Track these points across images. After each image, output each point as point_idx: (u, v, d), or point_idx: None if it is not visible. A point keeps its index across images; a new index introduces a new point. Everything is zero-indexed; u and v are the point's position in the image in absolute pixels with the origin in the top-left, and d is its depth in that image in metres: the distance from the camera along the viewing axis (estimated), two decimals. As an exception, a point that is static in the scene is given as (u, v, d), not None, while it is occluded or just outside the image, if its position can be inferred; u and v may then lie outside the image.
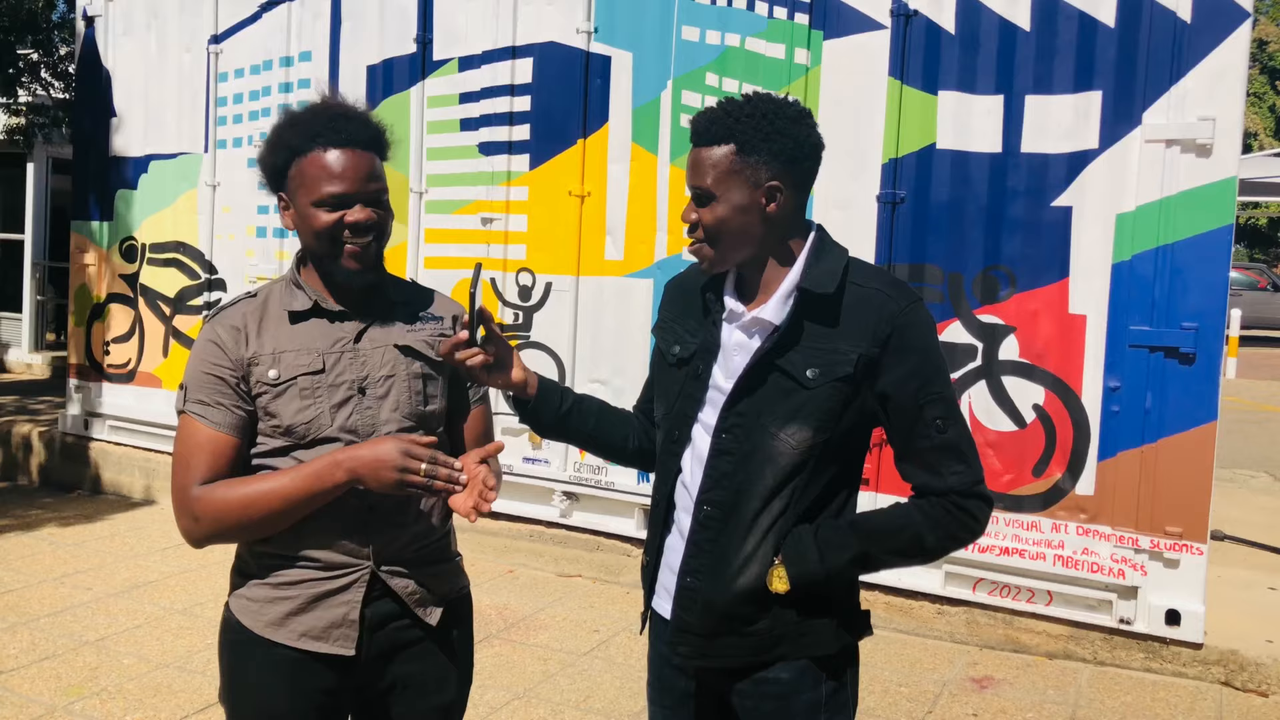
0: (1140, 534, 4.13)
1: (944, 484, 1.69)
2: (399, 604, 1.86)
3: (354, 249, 1.79)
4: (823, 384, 1.68)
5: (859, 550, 1.71)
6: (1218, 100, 3.94)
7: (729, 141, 1.67)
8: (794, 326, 1.70)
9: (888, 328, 1.67)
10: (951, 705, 3.89)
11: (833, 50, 4.59)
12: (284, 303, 1.87)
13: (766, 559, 1.71)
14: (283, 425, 1.80)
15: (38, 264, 11.25)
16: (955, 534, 1.71)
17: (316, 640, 1.82)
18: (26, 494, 6.96)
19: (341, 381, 1.82)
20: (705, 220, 1.70)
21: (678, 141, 4.97)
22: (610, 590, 5.07)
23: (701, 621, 1.75)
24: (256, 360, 1.81)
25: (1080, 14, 4.14)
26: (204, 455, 1.78)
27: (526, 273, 5.38)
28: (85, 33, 6.97)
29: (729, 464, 1.73)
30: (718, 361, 1.78)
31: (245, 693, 1.86)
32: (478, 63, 5.46)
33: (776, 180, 1.68)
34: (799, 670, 1.74)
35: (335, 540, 1.81)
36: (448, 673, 1.94)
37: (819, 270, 1.71)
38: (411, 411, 1.86)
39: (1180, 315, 4.03)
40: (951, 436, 1.69)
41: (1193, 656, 4.13)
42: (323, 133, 1.80)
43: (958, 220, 4.40)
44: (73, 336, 7.19)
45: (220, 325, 1.84)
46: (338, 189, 1.78)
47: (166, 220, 6.66)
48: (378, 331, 1.87)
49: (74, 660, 4.06)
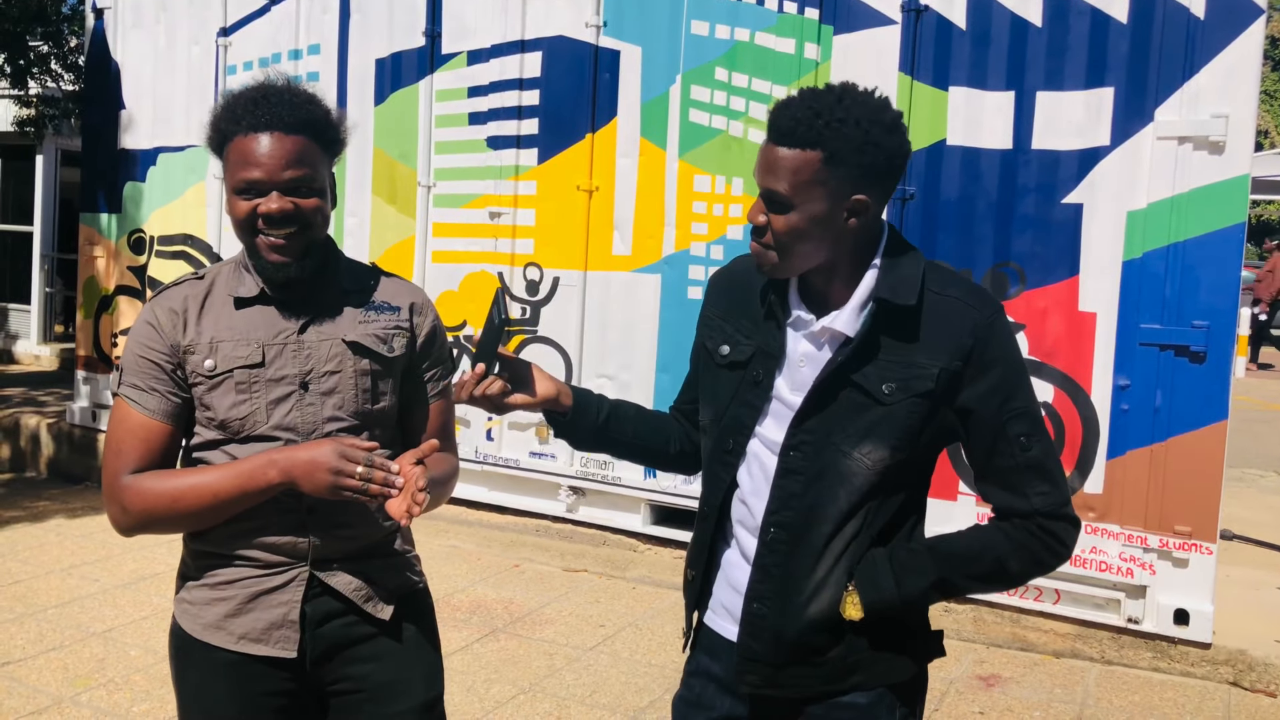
0: (1149, 533, 4.12)
1: (1029, 505, 1.58)
2: (343, 601, 1.78)
3: (271, 241, 1.68)
4: (900, 400, 1.56)
5: (937, 576, 1.61)
6: (1230, 97, 3.92)
7: (816, 147, 1.49)
8: (870, 338, 1.57)
9: (970, 340, 1.55)
10: (958, 703, 3.88)
11: (843, 45, 4.57)
12: (230, 286, 1.76)
13: (840, 585, 1.61)
14: (217, 419, 1.72)
15: (46, 256, 11.27)
16: (1041, 559, 1.60)
17: (255, 642, 1.74)
18: (34, 485, 6.98)
19: (282, 376, 1.73)
20: (776, 227, 1.54)
21: (686, 136, 4.95)
22: (616, 585, 5.06)
23: (771, 652, 1.65)
24: (193, 349, 1.72)
25: (1092, 10, 4.12)
26: (135, 442, 1.71)
27: (534, 267, 5.38)
28: (95, 25, 6.98)
29: (798, 484, 1.62)
30: (781, 371, 1.65)
31: (191, 699, 1.79)
32: (486, 56, 5.45)
33: (864, 195, 1.52)
34: (875, 697, 1.65)
35: (272, 537, 1.73)
36: (410, 673, 1.84)
37: (896, 278, 1.58)
38: (358, 410, 1.76)
39: (1191, 313, 4.01)
40: (1037, 454, 1.58)
41: (1201, 656, 4.12)
42: (244, 115, 1.68)
43: (967, 217, 4.38)
44: (81, 329, 7.21)
45: (159, 307, 1.75)
46: (251, 175, 1.66)
47: (175, 213, 6.67)
48: (326, 323, 1.76)
49: (81, 651, 4.07)
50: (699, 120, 4.93)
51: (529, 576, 5.15)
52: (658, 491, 5.09)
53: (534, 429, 5.40)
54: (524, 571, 5.22)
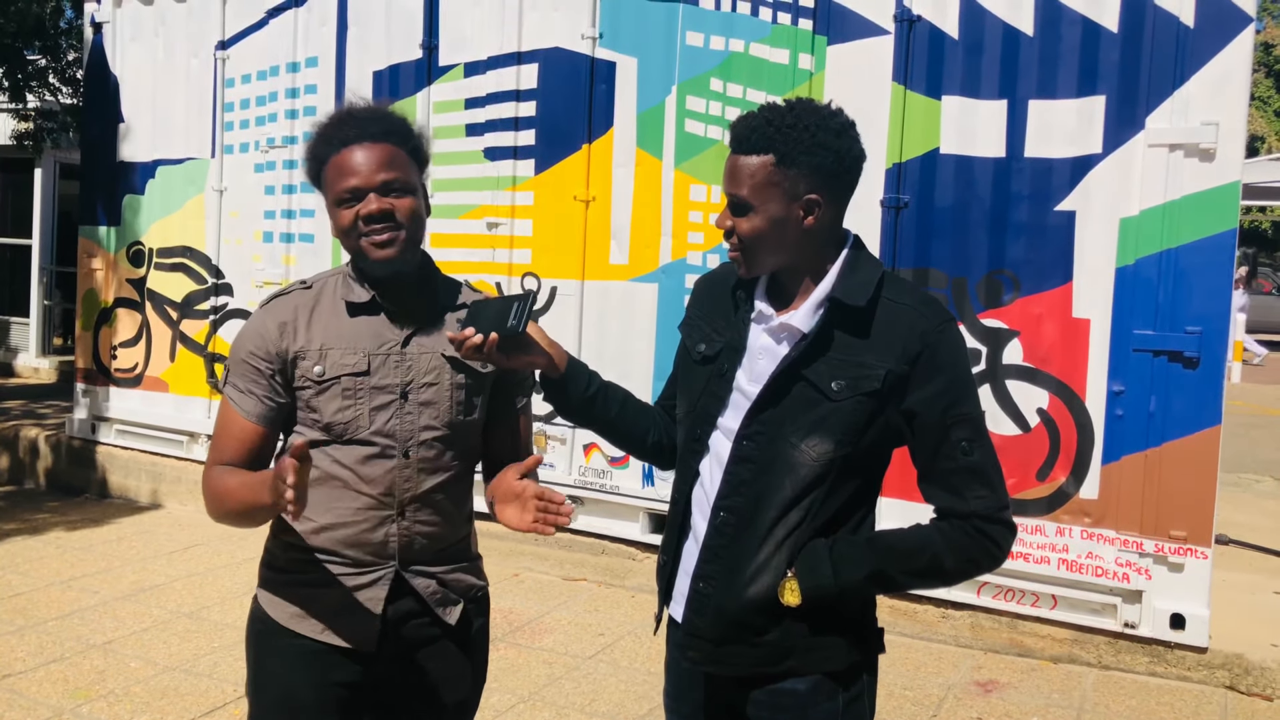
0: (1145, 538, 4.13)
1: (967, 507, 1.66)
2: (420, 603, 1.89)
3: (374, 239, 1.79)
4: (848, 398, 1.65)
5: (875, 568, 1.68)
6: (1221, 105, 3.95)
7: (768, 151, 1.63)
8: (822, 336, 1.67)
9: (919, 345, 1.64)
10: (956, 709, 3.89)
11: (836, 55, 4.60)
12: (341, 293, 1.88)
13: (780, 570, 1.69)
14: (322, 421, 1.84)
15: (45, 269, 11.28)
16: (975, 559, 1.68)
17: (339, 634, 1.85)
18: (34, 498, 6.99)
19: (385, 385, 1.84)
20: (740, 230, 1.67)
21: (682, 146, 4.98)
22: (615, 594, 5.07)
23: (712, 627, 1.74)
24: (303, 354, 1.84)
25: (1083, 19, 4.15)
26: (230, 440, 1.85)
27: (532, 277, 5.40)
28: (93, 39, 7.01)
29: (748, 471, 1.71)
30: (742, 363, 1.75)
31: (268, 682, 1.90)
32: (483, 68, 5.48)
33: (816, 194, 1.64)
34: (814, 684, 1.72)
35: (362, 538, 1.85)
36: (463, 670, 1.96)
37: (852, 282, 1.68)
38: (451, 420, 1.88)
39: (1184, 319, 4.03)
40: (977, 459, 1.66)
41: (1197, 661, 4.13)
42: (334, 136, 1.83)
43: (961, 225, 4.40)
44: (80, 341, 7.22)
45: (270, 315, 1.87)
46: (349, 184, 1.79)
47: (174, 225, 6.69)
48: (426, 337, 1.88)
49: (81, 663, 4.08)
50: (695, 130, 4.97)
51: (528, 585, 5.16)
52: (657, 500, 5.10)
53: (533, 438, 5.41)
54: (523, 580, 5.23)
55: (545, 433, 5.36)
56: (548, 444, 5.36)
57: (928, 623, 4.55)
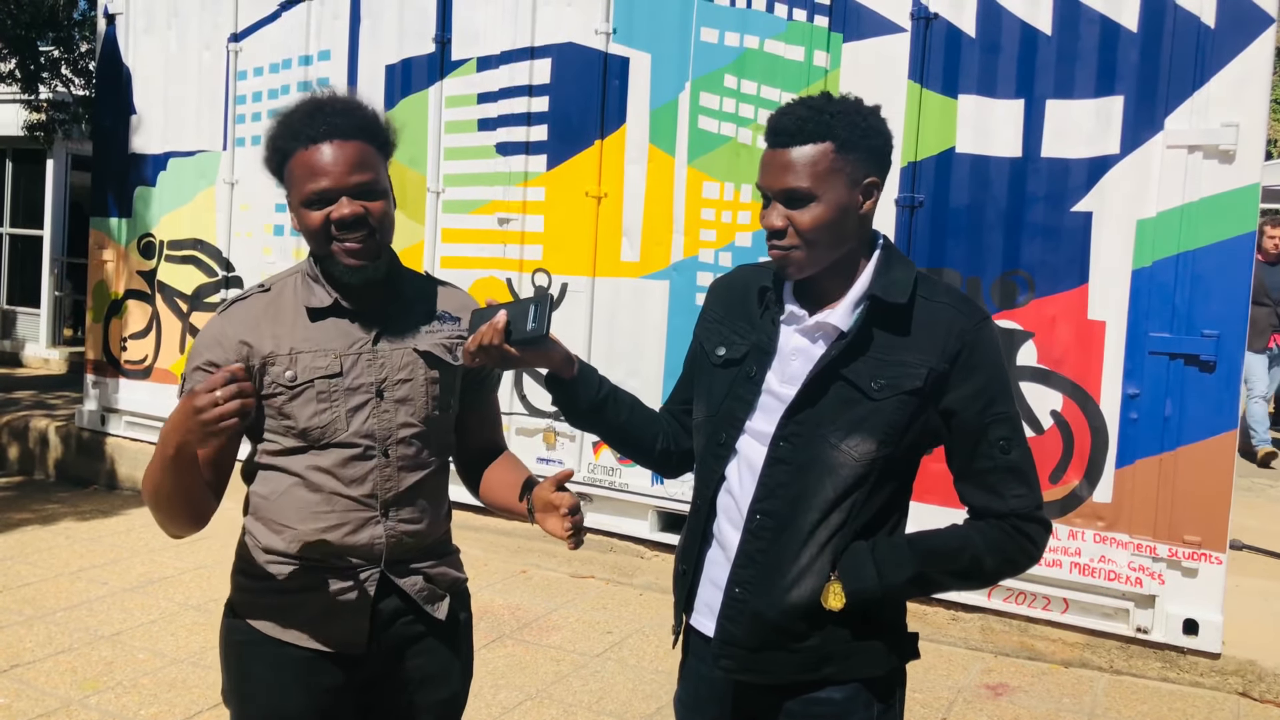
0: (1158, 542, 4.10)
1: (1005, 506, 1.64)
2: (406, 601, 1.86)
3: (347, 246, 1.72)
4: (889, 396, 1.63)
5: (917, 570, 1.65)
6: (1241, 106, 3.91)
7: (825, 139, 1.60)
8: (862, 335, 1.64)
9: (957, 344, 1.63)
10: (966, 712, 3.86)
11: (852, 53, 4.57)
12: (301, 298, 1.81)
13: (823, 574, 1.65)
14: (298, 427, 1.77)
15: (56, 260, 11.32)
16: (1013, 559, 1.67)
17: (327, 640, 1.81)
18: (43, 488, 7.00)
19: (359, 384, 1.79)
20: (802, 223, 1.61)
21: (695, 143, 4.96)
22: (623, 592, 5.06)
23: (749, 634, 1.69)
24: (272, 360, 1.77)
25: (1102, 18, 4.12)
26: None
27: (543, 273, 5.38)
28: (106, 30, 7.01)
29: (785, 474, 1.67)
30: (772, 366, 1.71)
31: (256, 692, 1.85)
32: (496, 63, 5.46)
33: (874, 177, 1.64)
34: (851, 692, 1.69)
35: (347, 542, 1.79)
36: (451, 665, 1.94)
37: (889, 279, 1.66)
38: (427, 416, 1.85)
39: (1201, 322, 4.00)
40: (1015, 458, 1.64)
41: (1210, 666, 4.10)
42: (302, 129, 1.72)
43: (976, 225, 4.37)
44: (90, 332, 7.23)
45: (229, 323, 1.80)
46: (319, 185, 1.70)
47: (185, 217, 6.69)
48: (397, 333, 1.83)
49: (89, 654, 4.08)
50: (708, 127, 4.94)
51: (536, 582, 5.15)
52: (665, 498, 5.09)
53: (541, 435, 5.40)
54: (531, 577, 5.22)
55: (554, 429, 5.35)
56: (557, 441, 5.35)
57: (937, 625, 4.53)
